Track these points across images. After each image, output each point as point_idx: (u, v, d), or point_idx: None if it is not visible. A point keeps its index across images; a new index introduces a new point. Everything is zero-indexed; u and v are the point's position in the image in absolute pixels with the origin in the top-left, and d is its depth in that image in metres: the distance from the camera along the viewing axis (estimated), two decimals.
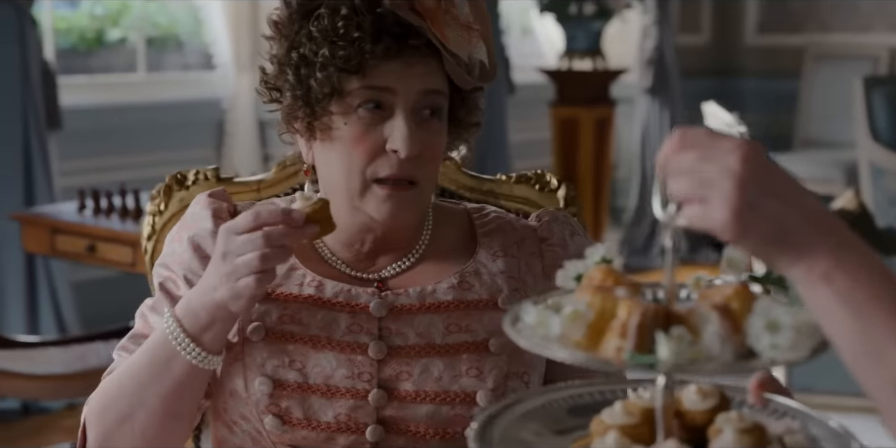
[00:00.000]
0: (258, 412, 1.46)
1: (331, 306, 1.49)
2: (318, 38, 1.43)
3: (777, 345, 0.97)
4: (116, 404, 1.45)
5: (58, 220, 3.64)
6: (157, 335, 1.45)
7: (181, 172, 1.95)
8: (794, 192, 0.99)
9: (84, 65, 5.33)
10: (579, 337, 1.00)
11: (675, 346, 0.96)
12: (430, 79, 1.46)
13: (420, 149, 1.45)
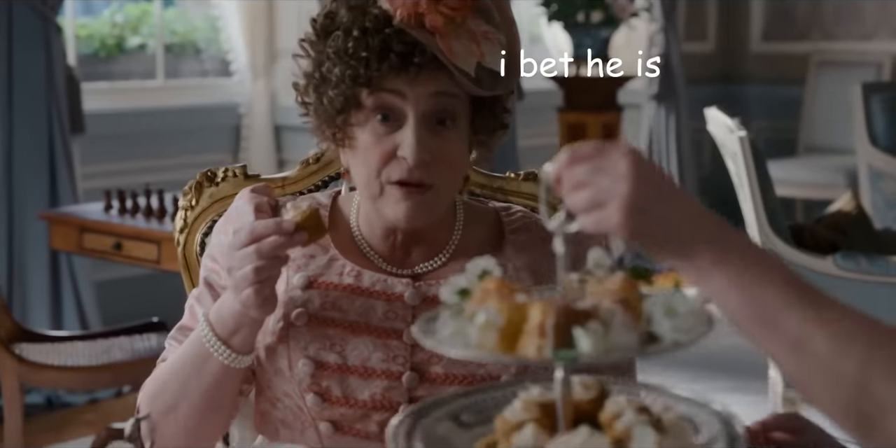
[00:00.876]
0: (300, 390, 1.59)
1: (368, 295, 1.62)
2: (333, 58, 1.55)
3: (678, 327, 1.09)
4: (163, 395, 1.59)
5: (85, 220, 3.78)
6: (195, 337, 1.59)
7: (211, 170, 2.09)
8: (678, 194, 1.13)
9: (105, 71, 5.45)
10: (493, 344, 1.07)
11: (593, 339, 1.05)
12: (438, 84, 1.55)
13: (429, 155, 1.55)
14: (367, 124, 1.58)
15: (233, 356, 1.55)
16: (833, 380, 1.09)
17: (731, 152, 3.78)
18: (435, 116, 1.57)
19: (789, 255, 3.64)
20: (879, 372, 1.07)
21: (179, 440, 1.56)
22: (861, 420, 1.09)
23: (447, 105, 1.57)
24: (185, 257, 2.07)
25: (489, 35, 1.58)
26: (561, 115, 6.31)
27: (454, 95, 1.57)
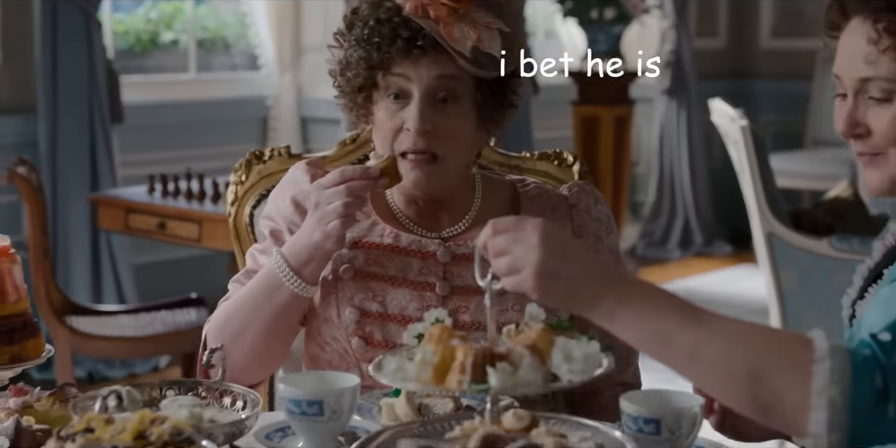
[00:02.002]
0: (346, 335, 1.84)
1: (406, 253, 1.88)
2: (354, 45, 1.84)
3: (573, 370, 1.38)
4: (231, 324, 1.84)
5: (131, 201, 4.05)
6: (267, 270, 1.85)
7: (259, 149, 2.35)
8: (581, 256, 1.40)
9: (139, 65, 5.69)
10: (428, 378, 1.37)
11: (501, 376, 1.34)
12: (441, 66, 1.81)
13: (431, 126, 1.81)
14: (382, 102, 1.85)
15: (302, 285, 1.81)
16: (726, 378, 1.35)
17: (733, 141, 4.02)
18: (438, 95, 1.83)
19: (788, 238, 3.88)
20: (770, 365, 1.32)
21: (246, 363, 1.79)
22: (759, 407, 1.35)
23: (449, 85, 1.83)
24: (236, 226, 2.33)
25: (490, 25, 1.83)
26: (575, 109, 6.53)
27: (455, 77, 1.83)
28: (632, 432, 1.49)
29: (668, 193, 7.36)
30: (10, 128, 4.71)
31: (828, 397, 1.31)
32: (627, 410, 1.49)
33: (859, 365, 1.33)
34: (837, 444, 1.33)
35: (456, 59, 1.80)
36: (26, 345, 1.92)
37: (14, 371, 1.93)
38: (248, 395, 1.61)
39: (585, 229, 1.96)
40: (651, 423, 1.47)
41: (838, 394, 1.31)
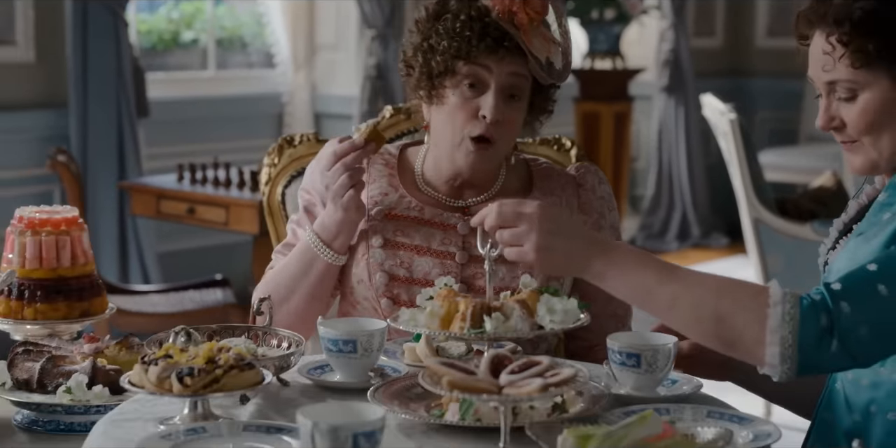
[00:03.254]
0: (377, 296, 2.12)
1: (429, 225, 2.16)
2: (442, 34, 2.08)
3: (554, 320, 1.69)
4: (277, 291, 2.11)
5: (162, 188, 4.34)
6: (303, 244, 2.13)
7: (290, 135, 2.63)
8: (573, 230, 1.70)
9: (161, 63, 5.96)
10: (436, 325, 1.70)
11: (495, 323, 1.66)
12: (517, 66, 2.07)
13: (502, 116, 2.08)
14: (457, 88, 2.10)
15: (335, 256, 2.10)
16: (698, 322, 1.65)
17: (723, 133, 4.30)
18: (509, 90, 2.10)
19: (774, 223, 4.16)
20: (733, 309, 1.62)
21: (291, 324, 2.06)
22: (725, 343, 1.65)
23: (518, 83, 2.10)
24: (269, 205, 2.62)
25: (554, 40, 2.11)
26: (577, 105, 6.80)
27: (525, 77, 2.10)
28: (616, 365, 1.77)
29: (667, 187, 7.62)
30: (42, 121, 4.98)
31: (780, 335, 1.60)
32: (613, 346, 1.77)
33: (807, 308, 1.61)
34: (789, 373, 1.61)
35: (529, 62, 2.06)
36: (93, 302, 2.21)
37: (83, 324, 2.21)
38: (293, 337, 1.89)
39: (590, 206, 2.23)
40: (633, 357, 1.75)
41: (788, 332, 1.60)
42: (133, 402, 1.77)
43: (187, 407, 1.64)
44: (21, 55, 4.91)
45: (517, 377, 1.48)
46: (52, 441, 1.97)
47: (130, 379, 1.67)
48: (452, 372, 1.48)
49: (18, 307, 2.15)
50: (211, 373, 1.60)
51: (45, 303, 2.15)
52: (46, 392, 1.97)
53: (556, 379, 1.46)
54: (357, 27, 6.09)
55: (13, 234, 2.19)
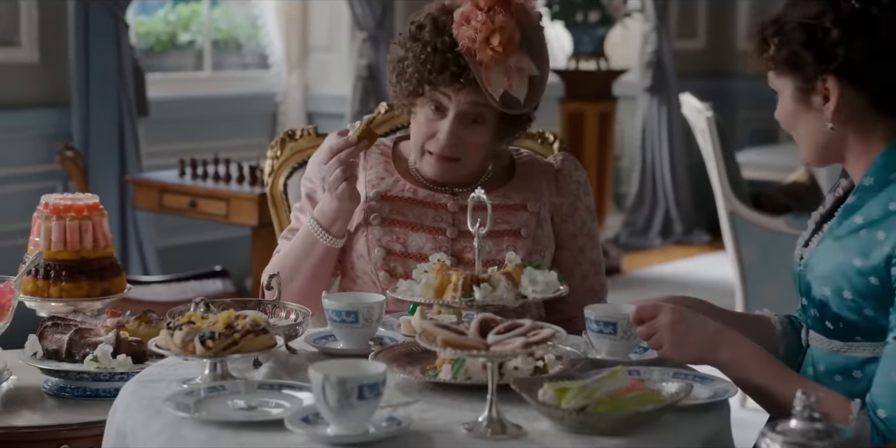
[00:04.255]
0: (375, 269, 2.31)
1: (422, 205, 2.36)
2: (412, 61, 2.29)
3: (535, 290, 1.90)
4: (282, 273, 2.29)
5: (165, 183, 4.53)
6: (305, 230, 2.33)
7: (291, 129, 2.83)
8: (701, 326, 1.92)
9: (158, 64, 6.12)
10: (430, 295, 1.91)
11: (483, 293, 1.86)
12: (475, 97, 2.26)
13: (457, 142, 2.28)
14: (424, 108, 2.32)
15: (332, 240, 2.29)
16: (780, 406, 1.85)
17: (700, 130, 4.50)
18: (470, 117, 2.30)
19: (749, 216, 4.36)
20: None
21: (297, 301, 2.25)
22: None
23: (478, 111, 2.30)
24: (272, 195, 2.80)
25: (523, 70, 2.27)
26: (562, 105, 7.00)
27: (485, 105, 2.29)
28: (593, 333, 1.96)
29: (650, 185, 7.81)
30: (46, 120, 5.15)
31: None
32: (590, 316, 1.96)
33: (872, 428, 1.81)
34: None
35: (486, 95, 2.25)
36: (113, 281, 2.40)
37: (104, 302, 2.41)
38: (300, 309, 2.08)
39: (567, 189, 2.44)
40: (609, 325, 1.94)
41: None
42: (157, 367, 1.96)
43: (208, 368, 1.83)
44: (25, 56, 5.07)
45: (503, 337, 1.67)
46: (79, 406, 2.17)
47: (157, 343, 1.85)
48: (446, 332, 1.67)
49: (45, 286, 2.35)
50: (230, 336, 1.79)
51: (69, 282, 2.34)
52: (74, 361, 2.17)
53: (536, 337, 1.65)
54: (349, 29, 6.25)
55: (39, 219, 2.38)
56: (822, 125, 1.93)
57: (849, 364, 1.94)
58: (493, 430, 1.62)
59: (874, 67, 1.90)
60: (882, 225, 1.87)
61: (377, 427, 1.61)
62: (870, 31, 1.90)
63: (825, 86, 1.90)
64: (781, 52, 1.93)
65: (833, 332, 1.95)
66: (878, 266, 1.85)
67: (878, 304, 1.87)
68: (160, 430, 1.65)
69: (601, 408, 1.62)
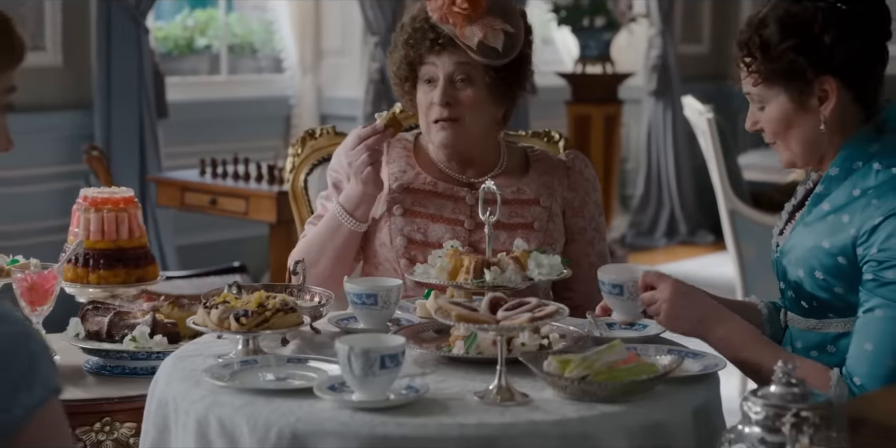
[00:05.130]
0: (397, 257, 2.48)
1: (442, 197, 2.53)
2: (399, 48, 2.52)
3: (541, 273, 2.05)
4: (308, 255, 2.46)
5: (186, 181, 4.70)
6: (331, 214, 2.49)
7: (312, 129, 3.00)
8: (699, 302, 2.08)
9: (177, 67, 6.30)
10: (444, 277, 2.06)
11: (493, 275, 2.02)
12: (457, 57, 2.46)
13: (450, 99, 2.46)
14: (420, 88, 2.52)
15: (356, 223, 2.46)
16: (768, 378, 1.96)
17: (701, 131, 4.66)
18: (456, 77, 2.49)
19: (748, 214, 4.52)
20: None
21: (321, 283, 2.41)
22: None
23: (464, 70, 2.49)
24: (293, 190, 2.97)
25: (496, 26, 2.46)
26: (569, 108, 7.16)
27: (469, 64, 2.48)
28: (605, 294, 2.12)
29: (656, 187, 7.97)
30: (69, 121, 5.32)
31: None
32: (602, 278, 2.12)
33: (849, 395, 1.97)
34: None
35: (466, 50, 2.45)
36: (147, 269, 2.57)
37: (138, 289, 2.57)
38: (324, 292, 2.25)
39: (577, 185, 2.61)
40: (617, 286, 2.10)
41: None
42: (193, 344, 2.13)
43: (241, 343, 2.00)
44: (50, 59, 5.24)
45: (511, 313, 1.84)
46: (118, 382, 2.34)
47: (195, 320, 2.02)
48: (459, 308, 1.84)
49: (84, 273, 2.52)
50: (262, 314, 1.96)
51: (106, 269, 2.51)
52: (114, 341, 2.34)
53: (542, 313, 1.82)
54: (361, 34, 6.42)
55: (79, 211, 2.56)
56: (817, 125, 2.07)
57: (823, 340, 2.11)
58: (502, 397, 1.78)
59: (862, 66, 2.06)
60: (847, 209, 2.04)
61: (397, 394, 1.78)
62: (858, 31, 2.05)
63: (823, 87, 2.05)
64: (772, 64, 2.05)
65: (808, 311, 2.12)
66: (845, 246, 2.02)
67: (847, 282, 2.04)
68: (201, 397, 1.81)
69: (600, 377, 1.79)
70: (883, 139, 2.09)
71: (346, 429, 1.69)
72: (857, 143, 2.09)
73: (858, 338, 2.00)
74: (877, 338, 1.98)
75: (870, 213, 2.01)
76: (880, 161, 2.06)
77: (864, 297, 2.01)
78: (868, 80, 2.08)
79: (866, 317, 2.01)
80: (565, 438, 1.71)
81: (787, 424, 1.57)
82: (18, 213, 5.04)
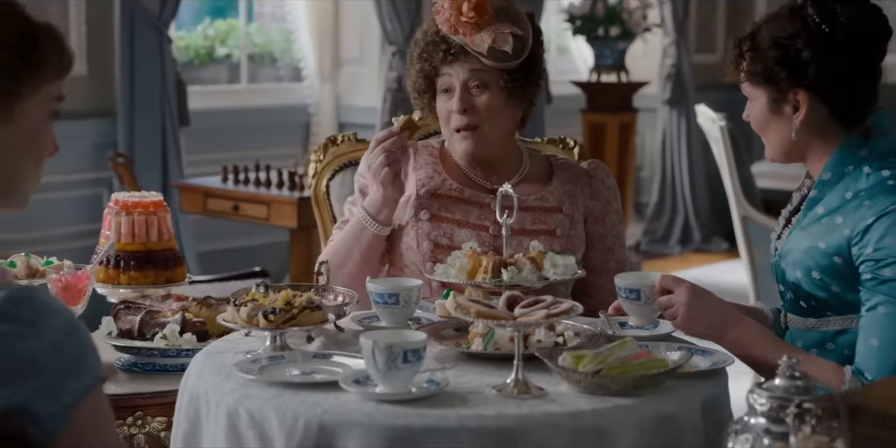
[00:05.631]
0: (423, 260, 2.56)
1: (468, 203, 2.62)
2: (415, 62, 2.61)
3: (556, 273, 2.13)
4: (335, 257, 2.55)
5: (209, 187, 4.80)
6: (356, 218, 2.58)
7: (333, 135, 3.09)
8: (714, 306, 2.16)
9: (198, 76, 6.41)
10: (463, 277, 2.13)
11: (510, 274, 2.10)
12: (470, 64, 2.55)
13: (467, 106, 2.55)
14: (439, 98, 2.61)
15: (379, 227, 2.55)
16: None
17: (714, 138, 4.74)
18: (471, 84, 2.58)
19: (759, 220, 4.59)
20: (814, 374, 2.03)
21: (348, 284, 2.49)
22: None
23: (479, 76, 2.58)
24: (316, 195, 3.06)
25: (504, 31, 2.54)
26: (584, 116, 7.25)
27: (483, 70, 2.57)
28: (623, 299, 2.21)
29: (670, 195, 8.05)
30: (92, 129, 5.43)
31: None
32: (620, 284, 2.21)
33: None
34: None
35: (478, 57, 2.53)
36: (175, 270, 2.67)
37: (166, 289, 2.66)
38: (347, 292, 2.33)
39: (599, 194, 2.69)
40: (634, 292, 2.19)
41: None
42: (222, 342, 2.22)
43: (269, 340, 2.09)
44: (75, 69, 5.29)
45: (528, 310, 1.92)
46: (149, 379, 2.43)
47: (224, 317, 2.11)
48: (478, 306, 1.93)
49: (115, 274, 2.61)
50: (289, 311, 2.05)
51: (137, 271, 2.61)
52: (145, 339, 2.43)
53: (557, 310, 1.90)
54: (379, 43, 6.52)
55: (110, 215, 2.65)
56: (789, 130, 2.20)
57: (822, 338, 2.20)
58: (519, 390, 1.87)
59: (838, 84, 2.17)
60: (840, 211, 2.14)
61: (419, 387, 1.86)
62: (837, 53, 2.16)
63: (796, 98, 2.17)
64: (757, 67, 2.19)
65: (807, 311, 2.21)
66: (840, 246, 2.12)
67: (843, 281, 2.13)
68: (231, 390, 1.90)
69: (613, 372, 1.87)
70: (870, 144, 2.19)
71: (370, 420, 1.78)
72: (847, 149, 2.19)
73: (864, 335, 2.09)
74: (881, 333, 2.06)
75: (862, 214, 2.11)
76: (870, 164, 2.17)
77: (865, 296, 2.10)
78: (846, 98, 2.19)
79: (870, 314, 2.09)
80: (579, 430, 1.79)
81: (790, 415, 1.65)
82: (43, 218, 5.14)
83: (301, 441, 1.78)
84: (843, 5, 2.16)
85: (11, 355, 1.37)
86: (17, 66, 1.51)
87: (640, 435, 1.81)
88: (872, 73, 2.21)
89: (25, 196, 1.60)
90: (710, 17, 8.49)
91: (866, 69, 2.20)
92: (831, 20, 2.15)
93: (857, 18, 2.16)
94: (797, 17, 2.17)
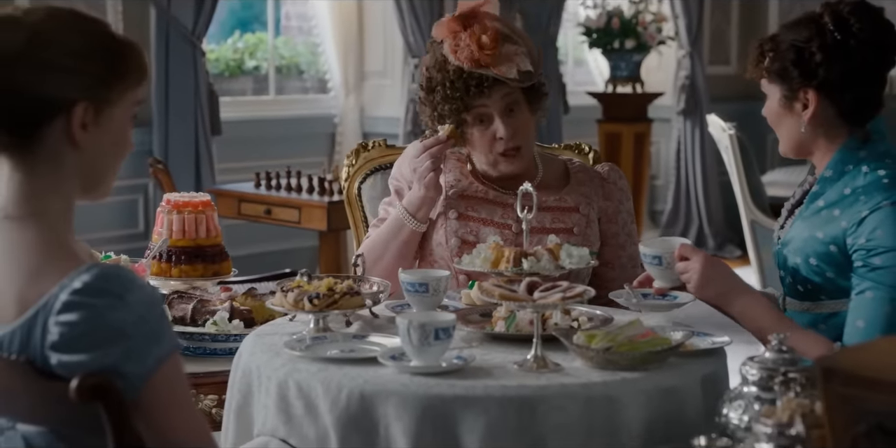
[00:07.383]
0: (451, 256, 2.77)
1: (492, 204, 2.83)
2: (442, 102, 2.75)
3: (572, 262, 2.31)
4: (373, 251, 2.76)
5: (243, 192, 5.05)
6: (394, 216, 2.80)
7: (364, 141, 3.32)
8: (725, 274, 2.39)
9: (227, 88, 6.64)
10: (487, 265, 2.28)
11: (530, 264, 2.26)
12: (503, 91, 2.72)
13: (512, 131, 2.74)
14: (472, 129, 2.78)
15: (417, 224, 2.77)
16: None
17: (724, 146, 4.96)
18: (508, 108, 2.77)
19: (767, 224, 4.81)
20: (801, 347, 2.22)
21: (385, 276, 2.68)
22: None
23: (511, 100, 2.77)
24: (348, 197, 3.29)
25: (518, 51, 2.74)
26: (600, 126, 7.46)
27: (511, 92, 2.75)
28: (647, 264, 2.45)
29: (684, 203, 8.24)
30: None
31: None
32: (643, 251, 2.44)
33: None
34: None
35: (509, 83, 2.72)
36: (222, 265, 2.90)
37: (213, 282, 2.90)
38: (381, 282, 2.56)
39: (612, 195, 2.91)
40: (657, 258, 2.42)
41: None
42: (269, 326, 2.45)
43: (313, 323, 2.32)
44: None
45: (546, 293, 2.15)
46: (200, 361, 2.66)
47: (273, 302, 2.34)
48: (501, 289, 2.15)
49: (167, 268, 2.85)
50: (331, 296, 2.28)
51: (187, 265, 2.84)
52: (197, 325, 2.66)
53: (572, 293, 2.13)
54: (402, 56, 6.73)
55: (163, 214, 2.89)
56: (799, 126, 2.42)
57: (816, 319, 2.43)
58: (538, 365, 2.09)
59: (846, 87, 2.39)
60: (838, 205, 2.37)
61: (448, 362, 2.09)
62: (846, 58, 2.39)
63: (806, 96, 2.40)
64: (774, 65, 2.42)
65: (803, 294, 2.44)
66: (837, 236, 2.35)
67: (838, 268, 2.36)
68: (281, 365, 2.13)
69: (622, 348, 2.09)
70: (868, 146, 2.42)
71: (406, 390, 2.00)
72: (847, 149, 2.42)
73: (852, 316, 2.32)
74: (867, 315, 2.29)
75: (858, 208, 2.34)
76: (868, 164, 2.39)
77: (856, 281, 2.33)
78: (852, 100, 2.41)
79: (858, 298, 2.32)
80: (591, 399, 2.01)
81: (777, 384, 1.88)
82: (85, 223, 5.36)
83: (344, 408, 2.01)
84: (857, 17, 2.38)
85: (103, 324, 1.61)
86: (107, 76, 1.74)
87: (645, 404, 2.04)
88: (878, 81, 2.44)
89: (108, 188, 1.83)
90: (724, 30, 8.67)
91: (872, 76, 2.42)
92: (845, 29, 2.37)
93: (868, 30, 2.38)
94: (814, 23, 2.40)
